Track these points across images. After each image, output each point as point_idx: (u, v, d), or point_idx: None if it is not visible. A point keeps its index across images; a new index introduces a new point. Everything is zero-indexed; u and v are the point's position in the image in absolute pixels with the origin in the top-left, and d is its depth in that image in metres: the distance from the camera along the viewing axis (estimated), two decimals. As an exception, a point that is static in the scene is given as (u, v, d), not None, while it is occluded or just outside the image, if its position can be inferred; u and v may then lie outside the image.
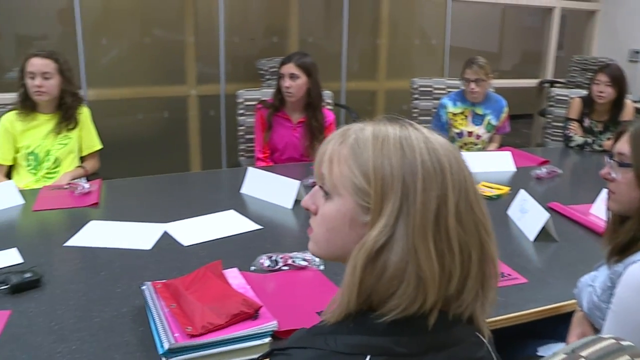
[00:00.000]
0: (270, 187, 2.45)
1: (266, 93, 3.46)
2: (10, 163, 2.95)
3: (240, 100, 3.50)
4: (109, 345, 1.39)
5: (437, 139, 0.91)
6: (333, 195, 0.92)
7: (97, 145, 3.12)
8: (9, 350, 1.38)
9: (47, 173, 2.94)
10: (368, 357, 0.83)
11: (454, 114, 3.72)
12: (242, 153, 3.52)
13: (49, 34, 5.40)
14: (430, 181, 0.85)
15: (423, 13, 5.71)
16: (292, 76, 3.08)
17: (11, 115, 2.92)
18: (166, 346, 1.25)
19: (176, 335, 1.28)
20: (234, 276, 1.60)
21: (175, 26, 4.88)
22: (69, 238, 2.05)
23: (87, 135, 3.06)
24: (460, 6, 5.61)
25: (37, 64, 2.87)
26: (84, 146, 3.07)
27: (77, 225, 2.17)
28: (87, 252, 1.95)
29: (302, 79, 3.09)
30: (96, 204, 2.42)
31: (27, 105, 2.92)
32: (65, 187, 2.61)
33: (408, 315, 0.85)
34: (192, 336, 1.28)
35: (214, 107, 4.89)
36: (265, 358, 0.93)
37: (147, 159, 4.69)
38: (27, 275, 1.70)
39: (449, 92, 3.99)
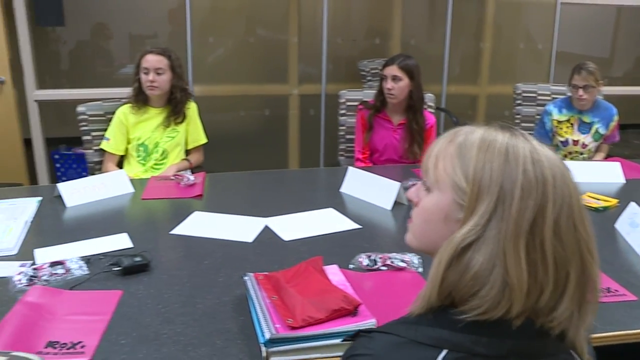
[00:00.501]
0: (369, 188, 2.46)
1: (368, 94, 3.47)
2: (122, 153, 3.10)
3: (342, 100, 3.52)
4: (212, 331, 1.44)
5: (546, 152, 0.91)
6: (434, 190, 0.95)
7: (203, 140, 3.23)
8: (121, 326, 1.47)
9: (155, 164, 3.09)
10: (445, 351, 0.85)
11: (559, 122, 3.59)
12: (341, 153, 3.55)
13: (160, 32, 5.65)
14: (529, 190, 0.86)
15: (530, 16, 5.55)
16: (395, 78, 3.07)
17: (125, 108, 3.08)
18: (267, 336, 1.29)
19: (277, 326, 1.31)
20: (334, 272, 1.62)
21: (279, 26, 4.99)
22: (174, 227, 2.14)
23: (193, 130, 3.18)
24: (569, 9, 5.42)
25: (151, 60, 3.01)
26: (189, 140, 3.19)
27: (182, 215, 2.26)
28: (191, 241, 2.03)
29: (405, 81, 3.08)
30: (200, 195, 2.51)
31: (140, 99, 3.08)
32: (172, 178, 2.73)
33: (491, 319, 0.85)
34: (293, 328, 1.31)
35: (314, 107, 4.96)
36: (351, 340, 0.96)
37: (246, 155, 4.82)
38: (137, 259, 1.80)
39: (554, 98, 3.86)
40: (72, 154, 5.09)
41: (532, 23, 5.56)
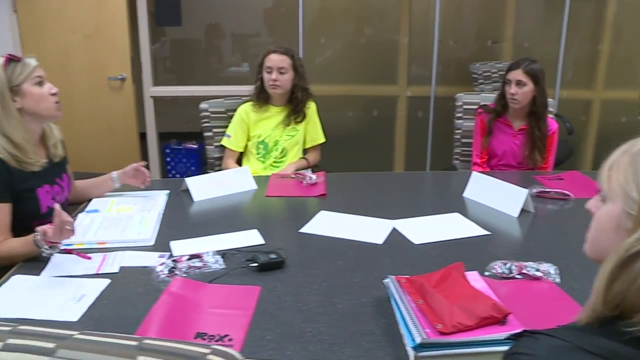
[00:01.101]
0: (495, 193, 2.41)
1: (486, 97, 3.41)
2: (242, 150, 3.19)
3: (459, 103, 3.47)
4: (355, 332, 1.45)
5: None
6: (607, 200, 0.96)
7: (321, 139, 3.27)
8: (264, 322, 1.51)
9: (275, 162, 3.15)
10: None
11: (691, 130, 3.41)
12: (456, 157, 3.50)
13: (270, 32, 5.77)
14: None
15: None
16: (519, 83, 2.99)
17: (247, 106, 3.16)
18: (418, 340, 1.28)
19: (427, 330, 1.31)
20: (475, 279, 1.60)
21: (390, 27, 4.98)
22: (302, 225, 2.18)
23: (312, 129, 3.23)
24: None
25: (274, 59, 3.07)
26: (308, 139, 3.24)
27: (307, 213, 2.31)
28: (321, 240, 2.06)
29: (529, 87, 2.99)
30: (324, 195, 2.55)
31: (262, 98, 3.15)
32: (292, 176, 2.78)
33: None
34: (442, 333, 1.30)
35: (422, 109, 4.92)
36: (516, 338, 0.95)
37: (352, 155, 4.84)
38: (273, 256, 1.84)
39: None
40: (182, 149, 5.29)
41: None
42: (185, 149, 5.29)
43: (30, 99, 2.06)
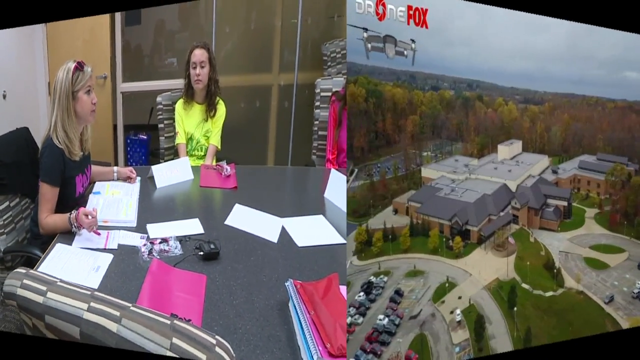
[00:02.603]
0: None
1: (338, 82, 3.36)
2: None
3: (317, 90, 3.39)
4: (269, 335, 1.64)
5: None
6: None
7: (217, 144, 3.42)
8: (211, 312, 1.71)
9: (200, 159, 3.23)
10: None
11: None
12: (314, 151, 3.58)
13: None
14: None
15: None
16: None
17: (180, 102, 3.41)
18: (315, 359, 1.40)
19: (320, 349, 1.43)
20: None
21: (269, 11, 4.64)
22: (226, 217, 2.40)
23: (214, 130, 3.39)
24: None
25: (198, 54, 3.23)
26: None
27: (229, 205, 2.58)
28: (239, 234, 2.32)
29: None
30: (235, 188, 2.87)
31: (189, 94, 3.42)
32: (215, 167, 3.08)
33: None
34: (331, 355, 1.42)
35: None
36: None
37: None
38: (212, 246, 1.99)
39: None
40: (137, 139, 5.41)
41: None
42: (139, 139, 5.37)
43: (80, 104, 2.31)
